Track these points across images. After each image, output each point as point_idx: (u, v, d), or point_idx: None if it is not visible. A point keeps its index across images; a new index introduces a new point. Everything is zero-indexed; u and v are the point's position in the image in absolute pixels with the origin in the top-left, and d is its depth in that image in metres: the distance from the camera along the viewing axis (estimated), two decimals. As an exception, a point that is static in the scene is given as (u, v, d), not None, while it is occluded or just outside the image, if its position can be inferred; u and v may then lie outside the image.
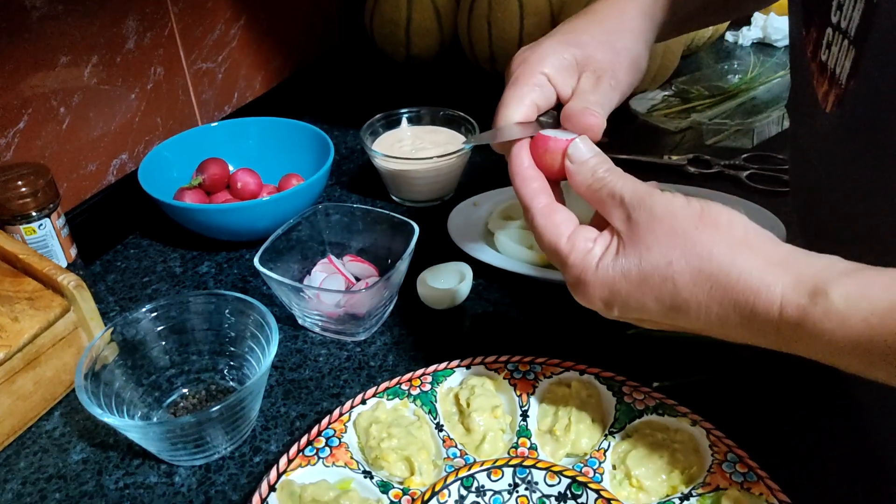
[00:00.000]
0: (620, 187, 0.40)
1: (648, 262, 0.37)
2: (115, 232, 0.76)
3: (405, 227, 0.64)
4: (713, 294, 0.36)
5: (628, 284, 0.38)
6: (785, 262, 0.35)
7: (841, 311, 0.32)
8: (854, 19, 0.38)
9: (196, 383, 0.56)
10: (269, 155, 0.81)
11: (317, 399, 0.56)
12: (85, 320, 0.57)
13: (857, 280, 0.32)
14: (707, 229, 0.36)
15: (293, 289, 0.58)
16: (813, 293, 0.33)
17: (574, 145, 0.43)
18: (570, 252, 0.40)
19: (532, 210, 0.43)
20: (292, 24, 1.03)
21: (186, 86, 0.85)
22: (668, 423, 0.49)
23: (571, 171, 0.43)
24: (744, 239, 0.36)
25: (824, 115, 0.42)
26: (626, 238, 0.39)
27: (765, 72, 1.05)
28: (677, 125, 0.93)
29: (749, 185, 0.80)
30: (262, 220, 0.69)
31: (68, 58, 0.69)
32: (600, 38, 0.48)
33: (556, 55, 0.47)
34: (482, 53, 1.06)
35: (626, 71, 0.49)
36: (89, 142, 0.74)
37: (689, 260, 0.36)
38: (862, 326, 0.31)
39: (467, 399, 0.50)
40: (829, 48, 0.41)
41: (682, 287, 0.37)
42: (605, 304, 0.40)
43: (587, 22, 0.50)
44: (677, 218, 0.37)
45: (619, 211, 0.40)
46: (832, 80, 0.41)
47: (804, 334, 0.33)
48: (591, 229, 0.41)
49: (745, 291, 0.35)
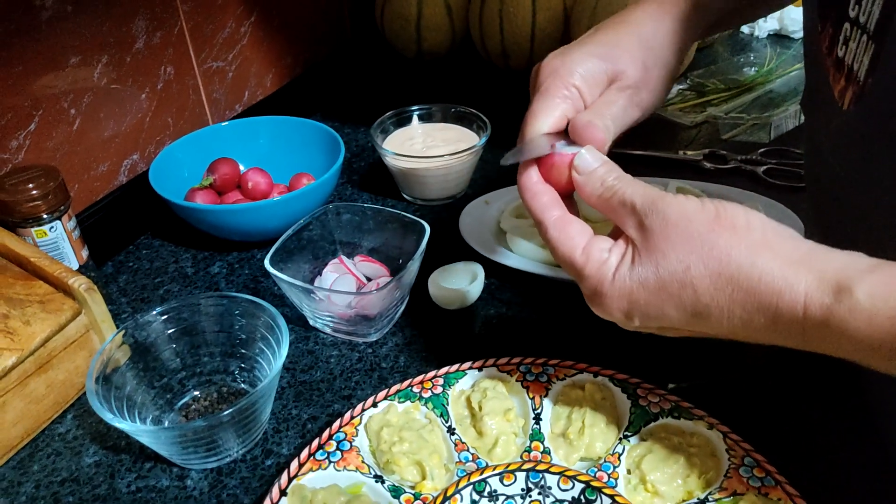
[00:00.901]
0: (630, 194, 0.39)
1: (665, 270, 0.36)
2: (127, 233, 0.76)
3: (416, 226, 0.63)
4: (735, 297, 0.35)
5: (647, 293, 0.37)
6: (807, 260, 0.34)
7: (866, 308, 0.31)
8: (874, 14, 0.36)
9: (207, 385, 0.56)
10: (279, 154, 0.80)
11: (328, 401, 0.56)
12: (96, 323, 0.57)
13: (882, 276, 0.31)
14: (724, 231, 0.35)
15: (304, 290, 0.58)
16: (837, 291, 0.32)
17: (580, 157, 0.42)
18: (585, 263, 0.39)
19: (545, 223, 0.42)
20: (303, 21, 1.03)
21: (197, 85, 0.85)
22: (683, 426, 0.48)
23: (580, 182, 0.42)
24: (762, 239, 0.35)
25: (841, 113, 0.41)
26: (641, 246, 0.38)
27: (782, 64, 1.04)
28: (693, 119, 0.92)
29: (766, 180, 0.79)
30: (273, 221, 0.69)
31: (78, 58, 0.69)
32: (634, 54, 0.47)
33: (586, 67, 0.46)
34: (494, 49, 1.05)
35: (654, 88, 0.48)
36: (100, 142, 0.74)
37: (707, 264, 0.35)
38: (888, 324, 0.31)
39: (479, 402, 0.49)
40: (846, 44, 0.40)
41: (702, 292, 0.36)
42: (624, 315, 0.39)
43: (622, 33, 0.48)
44: (692, 221, 0.36)
45: (631, 218, 0.39)
46: (850, 76, 0.40)
47: (830, 333, 0.33)
48: (606, 239, 0.40)
49: (768, 292, 0.34)
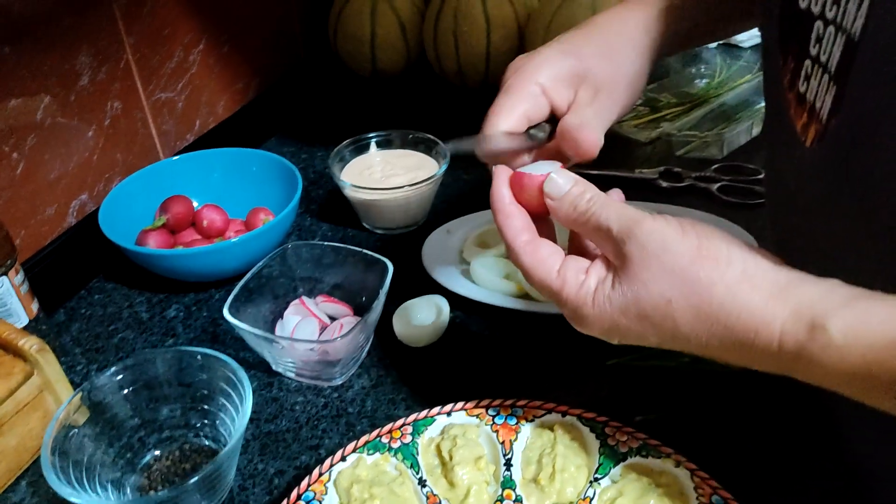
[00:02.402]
0: (605, 218, 0.39)
1: (647, 301, 0.37)
2: (79, 276, 0.74)
3: (378, 263, 0.62)
4: (714, 331, 0.36)
5: (628, 320, 0.38)
6: (784, 294, 0.34)
7: (839, 345, 0.32)
8: (834, 55, 0.37)
9: (169, 442, 0.55)
10: (234, 188, 0.79)
11: (295, 452, 0.55)
12: (50, 383, 0.55)
13: (855, 312, 0.32)
14: (706, 265, 0.36)
15: (265, 339, 0.57)
16: (811, 328, 0.33)
17: (550, 181, 0.42)
18: (562, 287, 0.39)
19: (515, 249, 0.42)
20: (254, 45, 1.01)
21: (146, 118, 0.82)
22: (652, 464, 0.48)
23: (552, 206, 0.42)
24: (743, 274, 0.35)
25: (804, 148, 0.41)
26: (621, 272, 0.38)
27: (732, 76, 1.06)
28: (648, 136, 0.93)
29: (720, 198, 0.80)
30: (231, 262, 0.67)
31: (19, 100, 0.66)
32: (601, 51, 0.47)
33: (552, 65, 0.46)
34: (450, 68, 1.05)
35: (626, 87, 0.48)
36: (46, 185, 0.71)
37: (689, 299, 0.36)
38: (860, 362, 0.31)
39: (450, 451, 0.49)
40: (807, 80, 0.40)
41: (682, 324, 0.36)
42: (605, 335, 0.40)
43: (588, 34, 0.48)
44: (673, 254, 0.36)
45: (609, 244, 0.39)
46: (812, 113, 0.40)
47: (804, 366, 0.33)
48: (580, 259, 0.40)
49: (746, 329, 0.34)
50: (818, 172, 0.40)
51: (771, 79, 0.47)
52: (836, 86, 0.37)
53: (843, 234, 0.40)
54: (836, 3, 0.36)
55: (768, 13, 0.45)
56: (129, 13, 0.77)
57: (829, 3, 0.37)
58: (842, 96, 0.36)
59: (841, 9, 0.36)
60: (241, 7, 0.96)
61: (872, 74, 0.34)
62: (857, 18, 0.34)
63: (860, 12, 0.34)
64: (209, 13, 0.90)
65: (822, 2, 0.38)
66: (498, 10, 0.99)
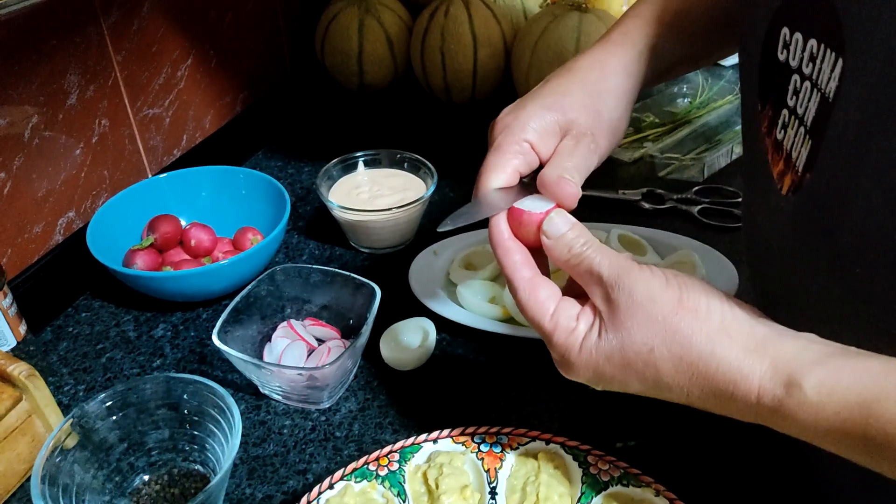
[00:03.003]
0: (598, 264, 0.40)
1: (630, 349, 0.38)
2: (65, 294, 0.74)
3: (366, 287, 0.63)
4: (694, 381, 0.37)
5: (612, 367, 0.39)
6: (761, 348, 0.36)
7: (814, 403, 0.33)
8: (810, 110, 0.38)
9: (158, 467, 0.55)
10: (222, 206, 0.79)
11: (283, 477, 0.55)
12: (39, 408, 0.55)
13: (828, 370, 0.34)
14: (686, 315, 0.37)
15: (253, 364, 0.58)
16: (788, 384, 0.34)
17: (549, 221, 0.43)
18: (553, 330, 0.41)
19: (515, 284, 0.43)
20: (242, 59, 1.01)
21: (133, 135, 0.82)
22: (632, 493, 0.49)
23: (548, 245, 0.43)
24: (721, 325, 0.37)
25: (779, 196, 0.42)
26: (607, 319, 0.39)
27: (714, 95, 1.08)
28: (631, 156, 0.94)
29: (701, 220, 0.82)
30: (219, 283, 0.68)
31: (6, 121, 0.66)
32: (583, 101, 0.48)
33: (538, 120, 0.47)
34: (437, 84, 1.06)
35: (606, 134, 0.49)
36: (33, 203, 0.71)
37: (670, 348, 0.37)
38: (834, 419, 0.33)
39: (436, 479, 0.50)
40: (784, 129, 0.41)
41: (664, 373, 0.38)
42: (590, 382, 0.41)
43: (569, 82, 0.50)
44: (656, 303, 0.38)
45: (598, 289, 0.40)
46: (788, 162, 0.41)
47: (781, 420, 0.35)
48: (573, 304, 0.42)
49: (725, 381, 0.36)
50: (792, 224, 0.42)
51: (749, 121, 0.48)
52: (812, 140, 0.38)
53: (817, 287, 0.41)
54: (812, 61, 0.37)
55: (748, 59, 0.46)
56: (116, 31, 0.77)
57: (806, 60, 0.38)
58: (816, 152, 0.37)
59: (816, 67, 0.37)
60: (229, 22, 0.96)
61: (847, 136, 0.35)
62: (831, 80, 0.35)
63: (833, 74, 0.35)
64: (197, 29, 0.90)
65: (800, 57, 0.39)
66: (485, 29, 1.01)
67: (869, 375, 0.33)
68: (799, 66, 0.39)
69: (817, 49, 0.37)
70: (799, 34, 0.38)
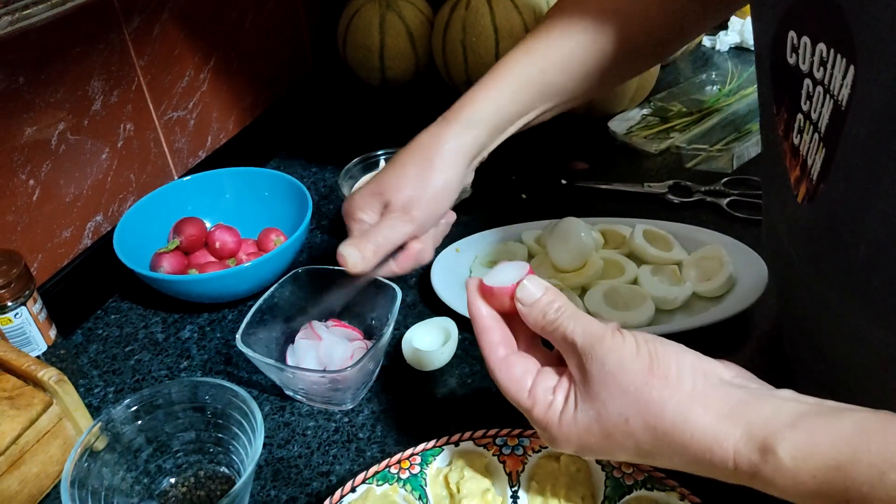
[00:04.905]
0: (571, 331, 0.40)
1: (607, 420, 0.38)
2: (95, 296, 0.75)
3: (387, 288, 0.63)
4: (673, 448, 0.37)
5: (593, 438, 0.39)
6: (735, 414, 0.35)
7: (790, 468, 0.33)
8: (824, 116, 0.37)
9: (185, 469, 0.56)
10: (246, 208, 0.80)
11: (306, 479, 0.56)
12: (69, 411, 0.56)
13: (802, 434, 0.33)
14: (658, 383, 0.37)
15: (276, 367, 0.58)
16: (762, 450, 0.33)
17: (522, 288, 0.43)
18: (532, 407, 0.41)
19: (490, 364, 0.43)
20: (264, 59, 1.01)
21: (158, 138, 0.83)
22: (656, 497, 0.49)
23: (523, 312, 0.43)
24: (693, 391, 0.36)
25: (796, 203, 0.41)
26: (582, 390, 0.39)
27: (743, 82, 1.05)
28: (657, 147, 0.93)
29: (730, 213, 0.80)
30: (243, 285, 0.69)
31: (34, 128, 0.68)
32: (399, 184, 0.56)
33: (364, 205, 0.57)
34: (458, 76, 1.05)
35: (426, 204, 0.56)
36: (62, 208, 0.72)
37: (644, 419, 0.37)
38: (811, 482, 0.32)
39: (457, 483, 0.50)
40: (800, 133, 0.40)
41: (643, 442, 0.37)
42: (577, 453, 0.41)
43: (400, 163, 0.57)
44: (627, 373, 0.37)
45: (573, 357, 0.40)
46: (804, 168, 0.40)
47: (759, 484, 0.35)
48: (551, 375, 0.41)
49: (700, 448, 0.35)
50: (808, 230, 0.41)
51: (766, 124, 0.47)
52: (826, 149, 0.37)
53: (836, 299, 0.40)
54: (823, 66, 0.36)
55: (761, 62, 0.45)
56: (138, 37, 0.78)
57: (817, 65, 0.37)
58: (830, 161, 0.36)
59: (828, 73, 0.36)
60: (251, 23, 0.97)
61: (861, 146, 0.34)
62: (843, 87, 0.34)
63: (846, 81, 0.34)
64: (218, 31, 0.91)
65: (809, 61, 0.37)
66: (506, 20, 0.99)
67: (844, 436, 0.32)
68: (810, 70, 0.38)
69: (827, 54, 0.35)
70: (806, 38, 0.37)
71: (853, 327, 0.39)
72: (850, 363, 0.42)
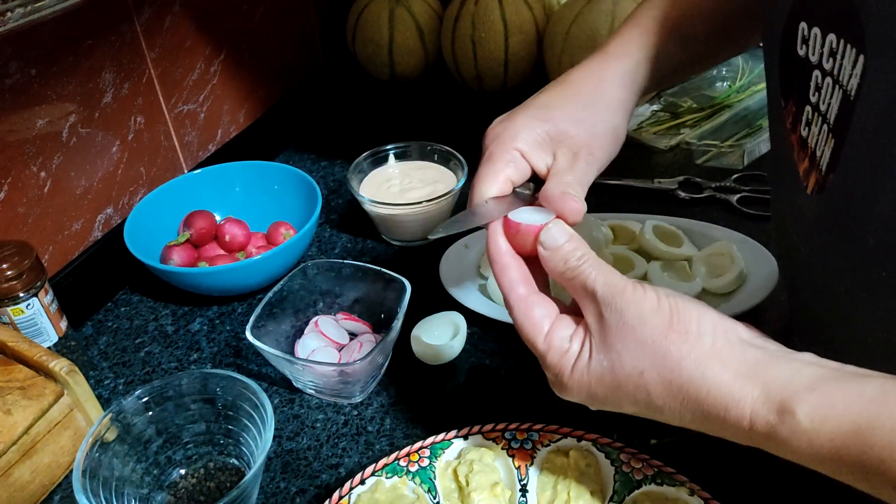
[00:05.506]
0: (593, 280, 0.39)
1: (621, 371, 0.38)
2: (105, 289, 0.75)
3: (396, 282, 0.63)
4: (686, 404, 0.36)
5: (604, 388, 0.39)
6: (753, 374, 0.35)
7: (807, 430, 0.32)
8: (833, 107, 0.37)
9: (195, 461, 0.56)
10: (255, 201, 0.80)
11: (316, 471, 0.56)
12: (80, 402, 0.56)
13: (822, 395, 0.33)
14: (677, 338, 0.36)
15: (286, 360, 0.58)
16: (780, 410, 0.33)
17: (547, 231, 0.42)
18: (547, 351, 0.40)
19: (510, 302, 0.42)
20: (274, 53, 1.01)
21: (168, 131, 0.84)
22: (666, 492, 0.49)
23: (544, 256, 0.42)
24: (712, 349, 0.36)
25: (805, 195, 0.41)
26: (598, 339, 0.39)
27: (754, 78, 1.04)
28: (667, 143, 0.92)
29: (741, 209, 0.80)
30: (253, 278, 0.69)
31: (45, 120, 0.68)
32: (574, 114, 0.48)
33: (528, 130, 0.47)
34: (468, 72, 1.05)
35: (603, 145, 0.48)
36: (73, 201, 0.73)
37: (660, 371, 0.37)
38: (828, 446, 0.32)
39: (466, 476, 0.50)
40: (808, 126, 0.40)
41: (655, 396, 0.37)
42: (583, 402, 0.41)
43: (562, 94, 0.49)
44: (646, 325, 0.37)
45: (591, 305, 0.39)
46: (813, 160, 0.40)
47: (775, 445, 0.34)
48: (568, 323, 0.41)
49: (717, 405, 0.35)
50: (817, 225, 0.41)
51: (774, 117, 0.47)
52: (835, 139, 0.36)
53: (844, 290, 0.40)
54: (833, 56, 0.36)
55: (769, 54, 0.45)
56: (150, 29, 0.78)
57: (826, 55, 0.37)
58: (839, 151, 0.36)
59: (837, 63, 0.35)
60: (261, 15, 0.97)
61: (870, 137, 0.34)
62: (853, 77, 0.34)
63: (855, 71, 0.34)
64: (229, 24, 0.91)
65: (819, 52, 0.37)
66: (516, 16, 0.99)
67: (863, 401, 0.31)
68: (819, 61, 0.37)
69: (837, 44, 0.35)
70: (817, 28, 0.37)
71: (861, 320, 0.39)
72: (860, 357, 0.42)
